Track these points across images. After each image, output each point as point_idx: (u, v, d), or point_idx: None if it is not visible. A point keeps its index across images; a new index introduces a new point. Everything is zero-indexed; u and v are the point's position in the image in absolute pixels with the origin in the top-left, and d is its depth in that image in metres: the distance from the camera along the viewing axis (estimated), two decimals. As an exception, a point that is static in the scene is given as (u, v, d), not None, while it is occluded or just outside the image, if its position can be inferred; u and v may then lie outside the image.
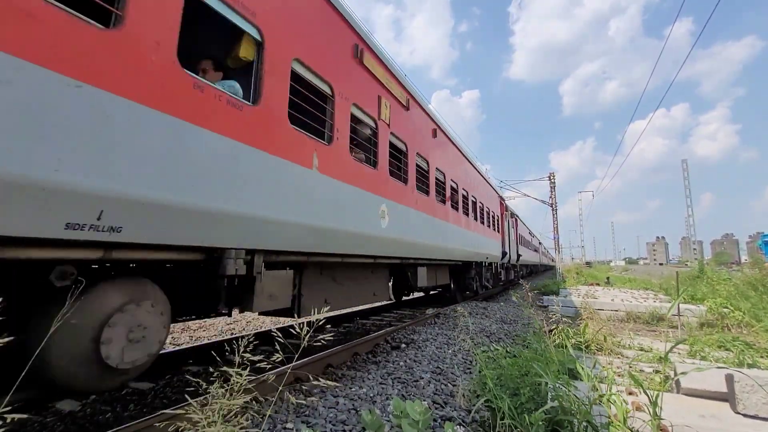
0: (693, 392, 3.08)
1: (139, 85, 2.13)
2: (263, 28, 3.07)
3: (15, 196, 1.63)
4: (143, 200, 2.10)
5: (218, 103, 2.64)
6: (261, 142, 3.03)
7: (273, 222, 3.16)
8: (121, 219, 2.01)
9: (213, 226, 2.60)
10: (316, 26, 3.85)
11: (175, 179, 2.32)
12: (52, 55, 1.77)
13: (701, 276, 11.66)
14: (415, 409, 2.25)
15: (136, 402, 3.31)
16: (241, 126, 2.84)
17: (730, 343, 4.88)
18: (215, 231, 2.62)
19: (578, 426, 2.15)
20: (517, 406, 2.50)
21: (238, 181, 2.81)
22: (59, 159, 1.78)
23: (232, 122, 2.75)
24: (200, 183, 2.51)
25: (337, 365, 4.20)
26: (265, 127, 3.08)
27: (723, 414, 2.72)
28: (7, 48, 1.62)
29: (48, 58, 1.75)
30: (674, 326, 6.86)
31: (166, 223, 2.25)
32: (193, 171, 2.44)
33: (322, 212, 3.81)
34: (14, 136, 1.64)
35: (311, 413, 2.81)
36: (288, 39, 3.36)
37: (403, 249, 5.70)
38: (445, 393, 3.39)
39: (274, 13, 3.22)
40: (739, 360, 4.20)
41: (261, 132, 3.05)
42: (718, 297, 8.15)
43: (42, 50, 1.73)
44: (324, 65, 3.91)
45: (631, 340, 5.55)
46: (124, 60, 2.07)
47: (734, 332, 6.03)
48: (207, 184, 2.55)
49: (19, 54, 1.66)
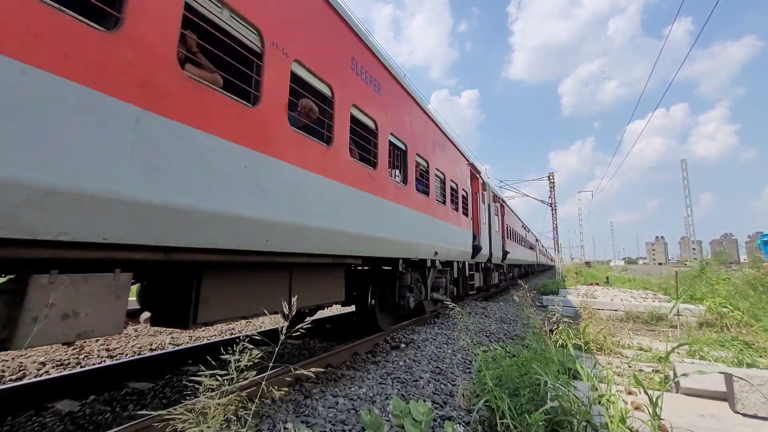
0: (692, 392, 3.09)
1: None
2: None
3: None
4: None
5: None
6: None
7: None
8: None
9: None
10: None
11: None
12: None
13: (702, 275, 11.67)
14: (419, 409, 2.26)
15: (135, 402, 3.31)
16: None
17: (729, 343, 4.89)
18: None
19: (578, 426, 2.15)
20: (517, 406, 2.50)
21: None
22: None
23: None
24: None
25: (336, 365, 4.20)
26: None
27: (722, 413, 2.73)
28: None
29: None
30: (673, 326, 6.87)
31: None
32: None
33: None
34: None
35: (311, 413, 2.81)
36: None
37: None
38: (445, 393, 3.39)
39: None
40: (739, 359, 4.21)
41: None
42: (717, 297, 8.16)
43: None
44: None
45: (631, 339, 5.55)
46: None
47: (733, 332, 6.04)
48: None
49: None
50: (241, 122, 2.69)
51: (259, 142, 2.83)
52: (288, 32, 3.22)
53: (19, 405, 3.02)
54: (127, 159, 1.95)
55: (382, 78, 5.01)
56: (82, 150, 1.76)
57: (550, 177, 26.62)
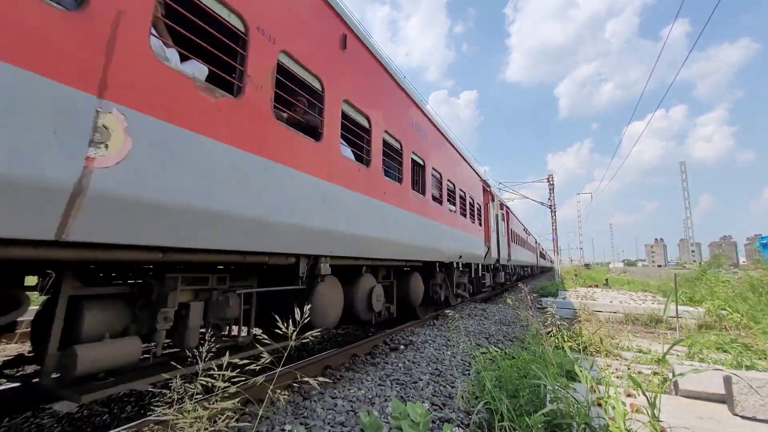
0: (691, 394, 3.09)
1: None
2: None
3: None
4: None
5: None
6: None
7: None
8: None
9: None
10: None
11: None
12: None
13: (702, 278, 11.69)
14: (416, 411, 2.26)
15: (133, 404, 3.30)
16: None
17: (728, 345, 4.89)
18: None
19: (577, 428, 2.15)
20: (516, 408, 2.50)
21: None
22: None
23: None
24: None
25: (335, 366, 4.19)
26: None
27: (721, 415, 2.73)
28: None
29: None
30: (672, 328, 6.87)
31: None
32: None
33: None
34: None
35: (309, 415, 2.81)
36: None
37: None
38: (444, 395, 3.38)
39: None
40: (738, 362, 4.21)
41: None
42: (716, 299, 8.17)
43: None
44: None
45: (630, 341, 5.56)
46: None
47: (732, 334, 6.04)
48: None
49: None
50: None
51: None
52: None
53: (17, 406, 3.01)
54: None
55: (429, 128, 6.84)
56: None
57: (549, 179, 26.66)
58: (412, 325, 6.57)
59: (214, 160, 2.42)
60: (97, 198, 1.80)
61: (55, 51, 1.69)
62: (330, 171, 3.67)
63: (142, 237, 2.01)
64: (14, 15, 1.57)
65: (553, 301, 9.96)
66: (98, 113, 1.81)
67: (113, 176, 1.86)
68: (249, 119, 2.72)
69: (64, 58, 1.71)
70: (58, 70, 1.69)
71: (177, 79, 2.23)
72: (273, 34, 2.99)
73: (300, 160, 3.28)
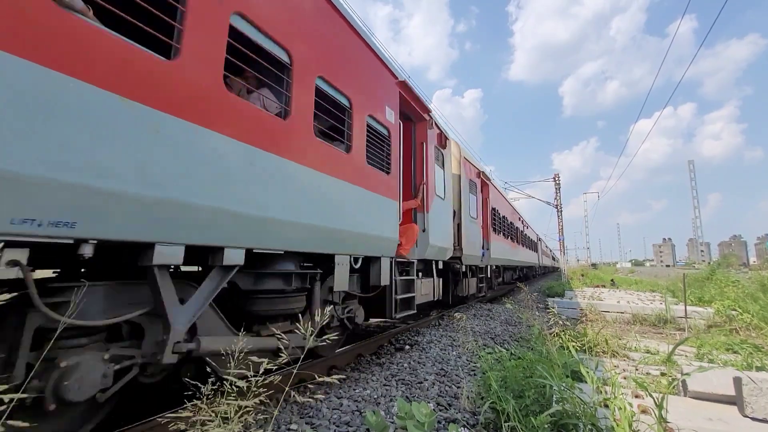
0: (700, 395, 3.05)
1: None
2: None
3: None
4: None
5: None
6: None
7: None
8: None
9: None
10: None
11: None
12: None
13: (711, 278, 11.53)
14: (421, 411, 2.26)
15: (137, 402, 3.33)
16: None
17: (738, 346, 4.82)
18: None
19: (584, 429, 2.14)
20: (522, 408, 2.49)
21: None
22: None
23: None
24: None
25: (341, 366, 4.21)
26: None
27: (731, 417, 2.69)
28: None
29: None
30: (681, 329, 6.79)
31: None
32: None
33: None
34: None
35: (315, 414, 2.82)
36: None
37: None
38: (450, 395, 3.38)
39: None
40: (748, 363, 4.15)
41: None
42: (726, 299, 8.05)
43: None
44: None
45: (637, 342, 5.50)
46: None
47: (742, 335, 5.95)
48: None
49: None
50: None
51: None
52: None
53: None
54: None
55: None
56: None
57: (556, 178, 26.48)
58: (418, 325, 6.57)
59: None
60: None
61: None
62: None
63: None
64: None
65: (560, 301, 9.89)
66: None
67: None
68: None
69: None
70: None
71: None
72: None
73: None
